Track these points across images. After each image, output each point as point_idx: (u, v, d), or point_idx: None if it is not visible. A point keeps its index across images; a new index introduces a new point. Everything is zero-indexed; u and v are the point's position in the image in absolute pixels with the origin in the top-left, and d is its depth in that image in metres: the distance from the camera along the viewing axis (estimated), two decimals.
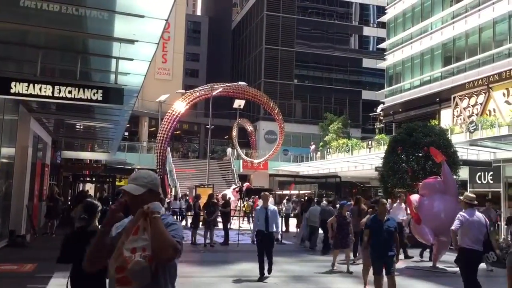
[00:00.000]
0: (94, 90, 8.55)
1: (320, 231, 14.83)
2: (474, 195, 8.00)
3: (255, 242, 9.87)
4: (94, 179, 32.90)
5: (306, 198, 22.78)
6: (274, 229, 9.93)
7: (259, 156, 45.36)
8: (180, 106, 36.42)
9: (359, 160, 32.85)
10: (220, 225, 17.24)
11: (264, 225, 9.64)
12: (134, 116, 44.86)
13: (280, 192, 39.86)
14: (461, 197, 8.02)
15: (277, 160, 45.12)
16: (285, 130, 43.07)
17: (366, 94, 52.70)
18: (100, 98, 8.55)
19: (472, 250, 7.29)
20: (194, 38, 62.86)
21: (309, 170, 42.40)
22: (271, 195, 37.43)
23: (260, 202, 12.01)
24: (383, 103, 40.36)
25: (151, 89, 44.93)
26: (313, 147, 43.87)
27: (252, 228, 11.61)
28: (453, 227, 7.55)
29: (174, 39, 51.44)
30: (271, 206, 10.14)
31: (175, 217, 22.81)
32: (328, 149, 41.58)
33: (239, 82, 39.84)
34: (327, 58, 53.82)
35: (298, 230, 18.12)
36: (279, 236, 9.54)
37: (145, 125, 48.55)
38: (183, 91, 40.87)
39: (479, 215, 7.66)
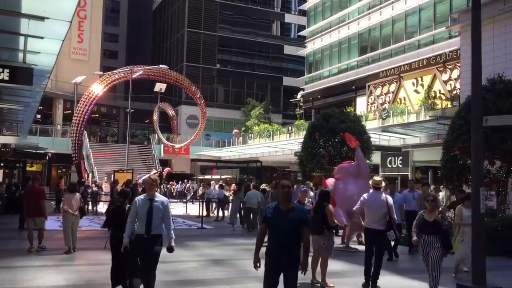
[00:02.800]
0: (0, 69, 7.98)
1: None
2: (380, 179, 8.53)
3: (126, 248, 6.27)
4: (1, 164, 30.81)
5: (246, 183, 22.74)
6: (163, 232, 6.37)
7: (180, 141, 44.87)
8: (97, 88, 35.02)
9: (280, 145, 33.53)
10: None
11: (144, 225, 6.18)
12: (47, 98, 42.41)
13: (201, 177, 39.77)
14: (370, 181, 8.57)
15: (199, 145, 44.92)
16: (207, 115, 42.91)
17: (287, 81, 53.72)
18: (6, 78, 8.02)
19: (372, 229, 7.86)
20: (112, 18, 60.31)
21: (230, 155, 42.64)
22: (193, 180, 37.10)
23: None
24: (303, 89, 41.37)
25: (66, 70, 42.74)
26: (236, 131, 44.14)
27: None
28: (354, 208, 8.44)
29: (91, 18, 49.02)
30: (160, 197, 6.53)
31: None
32: (250, 134, 42.02)
33: (160, 65, 38.99)
34: (250, 44, 54.06)
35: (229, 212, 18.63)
36: (173, 244, 6.29)
37: (60, 108, 46.11)
38: (101, 72, 39.31)
39: (382, 197, 8.12)
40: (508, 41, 18.35)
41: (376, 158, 22.15)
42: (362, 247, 12.35)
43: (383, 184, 9.30)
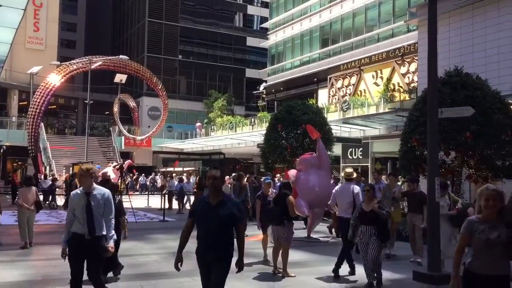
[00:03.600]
0: None
1: None
2: (351, 170, 9.07)
3: (65, 255, 5.38)
4: None
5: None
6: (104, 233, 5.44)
7: (142, 132, 44.23)
8: (54, 79, 34.03)
9: (243, 137, 33.53)
10: None
11: (85, 225, 5.28)
12: (2, 89, 40.94)
13: (164, 170, 39.36)
14: (342, 173, 8.96)
15: (161, 137, 44.39)
16: (169, 107, 42.44)
17: (250, 72, 53.71)
18: None
19: (343, 218, 8.26)
20: (70, 7, 58.46)
21: (193, 147, 42.37)
22: (157, 173, 36.59)
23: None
24: (266, 81, 41.48)
25: (22, 60, 41.30)
26: (198, 124, 43.86)
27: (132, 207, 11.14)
28: (329, 202, 8.97)
29: (47, 6, 47.38)
30: (100, 189, 5.57)
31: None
32: (213, 126, 41.84)
33: (121, 56, 38.18)
34: (212, 35, 53.67)
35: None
36: (110, 245, 5.41)
37: (15, 99, 44.49)
38: (58, 62, 38.14)
39: (350, 187, 8.58)
40: (464, 35, 18.93)
41: (337, 149, 22.48)
42: (324, 239, 12.62)
43: (355, 175, 9.65)
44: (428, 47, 8.43)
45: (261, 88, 43.14)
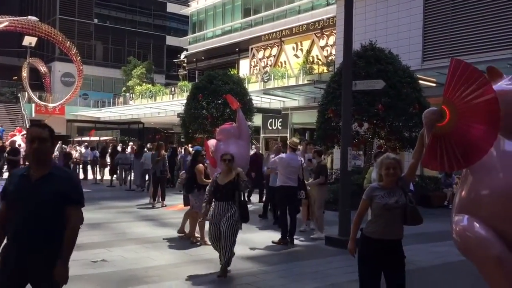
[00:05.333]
0: None
1: None
2: (297, 141, 9.42)
3: None
4: None
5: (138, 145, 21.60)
6: None
7: (54, 100, 41.84)
8: None
9: (163, 106, 32.90)
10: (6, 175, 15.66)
11: None
12: None
13: (79, 139, 37.72)
14: (288, 142, 9.25)
15: (76, 104, 42.35)
16: (84, 73, 40.41)
17: (171, 40, 52.34)
18: None
19: (288, 187, 8.43)
20: None
21: (110, 116, 40.91)
22: (73, 143, 35.03)
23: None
24: (187, 50, 40.68)
25: None
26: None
27: None
28: (270, 163, 9.16)
29: None
30: None
31: None
32: (131, 95, 40.55)
33: (29, 17, 35.55)
34: None
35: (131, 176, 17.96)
36: None
37: None
38: None
39: (298, 157, 8.91)
40: (379, 10, 19.64)
41: (257, 120, 22.74)
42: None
43: (299, 146, 10.02)
44: (344, 21, 8.67)
45: (182, 56, 42.27)
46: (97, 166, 20.26)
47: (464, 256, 3.78)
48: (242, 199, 6.51)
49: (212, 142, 12.55)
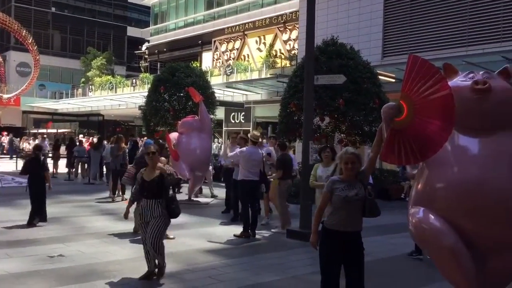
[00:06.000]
0: None
1: None
2: (259, 134, 9.30)
3: None
4: None
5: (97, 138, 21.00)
6: None
7: (9, 90, 40.33)
8: None
9: (123, 98, 32.30)
10: None
11: None
12: None
13: (35, 131, 36.57)
14: (249, 135, 9.10)
15: (32, 95, 41.01)
16: (41, 63, 39.11)
17: (132, 31, 51.33)
18: None
19: (251, 181, 8.41)
20: None
21: (69, 108, 39.84)
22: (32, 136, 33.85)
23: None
24: (149, 41, 40.03)
25: None
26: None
27: None
28: (230, 155, 9.05)
29: None
30: None
31: None
32: (91, 86, 39.59)
33: None
34: None
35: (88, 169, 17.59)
36: None
37: None
38: None
39: (260, 151, 8.86)
40: (341, 6, 19.88)
41: (220, 113, 22.68)
42: (204, 200, 12.81)
43: (260, 139, 9.94)
44: (307, 16, 8.73)
45: (144, 48, 41.58)
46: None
47: (420, 246, 3.90)
48: (171, 193, 5.89)
49: (174, 135, 12.49)
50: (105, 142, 18.87)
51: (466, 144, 3.68)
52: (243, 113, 25.49)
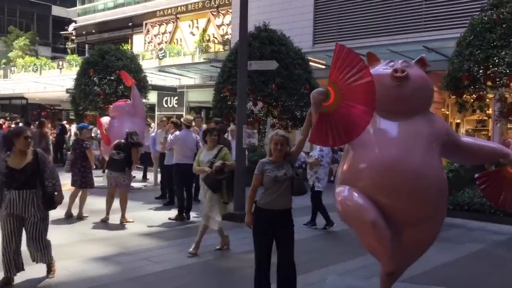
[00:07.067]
0: None
1: None
2: (192, 118, 9.65)
3: None
4: None
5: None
6: None
7: None
8: None
9: (49, 81, 30.86)
10: None
11: None
12: None
13: None
14: (182, 119, 9.20)
15: None
16: None
17: (57, 10, 48.76)
18: None
19: (184, 164, 8.49)
20: None
21: None
22: None
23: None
24: (76, 22, 38.32)
25: None
26: None
27: None
28: (168, 143, 8.98)
29: None
30: None
31: None
32: (13, 68, 37.40)
33: None
34: None
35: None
36: None
37: None
38: None
39: (193, 135, 9.03)
40: None
41: (152, 97, 22.34)
42: (137, 184, 12.71)
43: (193, 123, 10.13)
44: (240, 1, 8.85)
45: (70, 28, 39.72)
46: None
47: (345, 223, 4.22)
48: (47, 183, 4.91)
49: (105, 120, 12.23)
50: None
51: (386, 127, 4.01)
52: (176, 97, 25.25)
